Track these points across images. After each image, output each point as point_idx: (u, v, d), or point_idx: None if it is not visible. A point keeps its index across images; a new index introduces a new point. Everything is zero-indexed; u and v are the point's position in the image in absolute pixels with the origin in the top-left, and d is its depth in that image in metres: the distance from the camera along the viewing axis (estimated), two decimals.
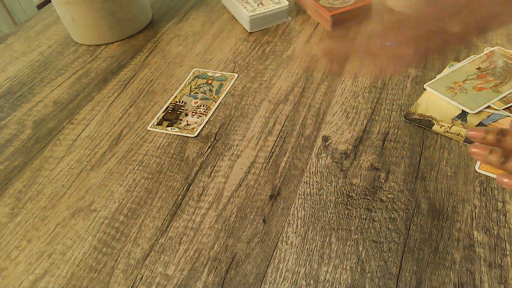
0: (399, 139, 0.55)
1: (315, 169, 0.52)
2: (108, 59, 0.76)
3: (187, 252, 0.45)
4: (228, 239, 0.46)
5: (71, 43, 0.82)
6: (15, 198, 0.53)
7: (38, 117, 0.66)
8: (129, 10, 0.79)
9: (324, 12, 0.75)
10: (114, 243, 0.47)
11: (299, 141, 0.57)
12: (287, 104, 0.62)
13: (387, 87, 0.63)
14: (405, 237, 0.44)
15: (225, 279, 0.43)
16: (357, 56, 0.46)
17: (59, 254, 0.47)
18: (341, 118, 0.59)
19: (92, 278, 0.44)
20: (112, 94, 0.68)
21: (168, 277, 0.44)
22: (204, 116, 0.62)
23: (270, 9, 0.78)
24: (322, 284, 0.41)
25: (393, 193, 0.49)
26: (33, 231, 0.50)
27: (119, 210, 0.50)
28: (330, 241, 0.45)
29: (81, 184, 0.54)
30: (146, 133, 0.60)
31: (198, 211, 0.49)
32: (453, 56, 0.67)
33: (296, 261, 0.44)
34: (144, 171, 0.55)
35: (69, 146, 0.60)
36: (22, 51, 0.81)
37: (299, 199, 0.49)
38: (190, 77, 0.69)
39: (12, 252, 0.48)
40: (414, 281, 0.41)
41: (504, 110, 0.56)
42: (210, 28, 0.81)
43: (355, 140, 0.55)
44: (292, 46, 0.74)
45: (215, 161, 0.55)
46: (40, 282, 0.44)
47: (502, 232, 0.44)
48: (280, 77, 0.67)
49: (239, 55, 0.73)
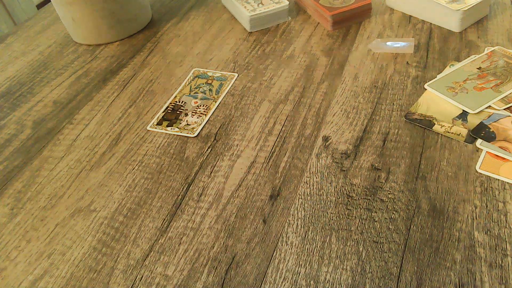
0: (400, 139, 0.55)
1: (315, 169, 0.52)
2: (108, 59, 0.76)
3: (187, 252, 0.45)
4: (228, 239, 0.46)
5: (70, 43, 0.82)
6: (15, 198, 0.53)
7: (37, 117, 0.65)
8: (129, 10, 0.79)
9: (325, 11, 0.75)
10: (114, 243, 0.47)
11: (299, 141, 0.56)
12: (287, 104, 0.62)
13: (387, 87, 0.63)
14: (405, 238, 0.44)
15: (225, 279, 0.43)
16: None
17: (59, 255, 0.47)
18: (342, 118, 0.59)
19: (92, 278, 0.44)
20: (111, 94, 0.68)
21: (167, 277, 0.43)
22: (204, 116, 0.61)
23: (270, 9, 0.78)
24: (322, 284, 0.41)
25: (394, 193, 0.49)
26: (33, 231, 0.49)
27: (118, 210, 0.50)
28: (330, 241, 0.45)
29: (81, 184, 0.54)
30: (146, 133, 0.60)
31: (198, 211, 0.49)
32: (454, 55, 0.67)
33: (296, 262, 0.43)
34: (144, 171, 0.55)
35: (68, 146, 0.60)
36: (22, 51, 0.81)
37: (299, 199, 0.49)
38: (190, 77, 0.69)
39: (11, 252, 0.48)
40: (415, 281, 0.41)
41: (505, 110, 0.56)
42: (210, 28, 0.81)
43: (356, 140, 0.55)
44: (292, 46, 0.74)
45: (215, 161, 0.55)
46: (39, 282, 0.44)
47: (503, 232, 0.44)
48: (280, 77, 0.67)
49: (239, 55, 0.73)
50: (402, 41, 0.69)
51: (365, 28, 0.76)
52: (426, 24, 0.75)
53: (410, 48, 0.68)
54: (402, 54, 0.69)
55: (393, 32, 0.74)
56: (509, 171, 0.49)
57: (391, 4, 0.80)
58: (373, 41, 0.70)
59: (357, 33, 0.75)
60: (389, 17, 0.78)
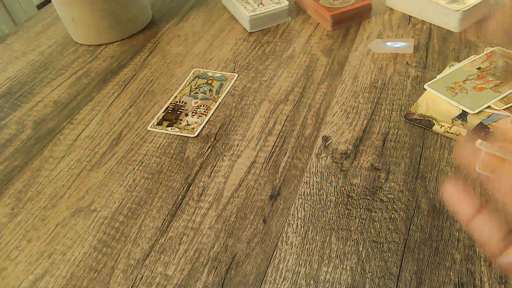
0: (399, 139, 0.55)
1: (315, 169, 0.52)
2: (108, 59, 0.76)
3: (187, 252, 0.45)
4: (228, 239, 0.46)
5: (71, 43, 0.82)
6: (15, 198, 0.53)
7: (38, 117, 0.65)
8: (129, 10, 0.79)
9: (324, 12, 0.75)
10: (114, 243, 0.47)
11: (299, 141, 0.56)
12: (287, 104, 0.62)
13: (387, 87, 0.63)
14: (405, 237, 0.44)
15: (225, 279, 0.43)
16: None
17: (59, 254, 0.47)
18: (341, 118, 0.59)
19: (92, 278, 0.44)
20: (112, 94, 0.68)
21: (168, 277, 0.43)
22: (204, 116, 0.62)
23: (270, 9, 0.78)
24: (322, 284, 0.41)
25: (393, 193, 0.49)
26: (33, 231, 0.49)
27: (119, 210, 0.50)
28: (330, 241, 0.45)
29: (81, 184, 0.54)
30: (146, 133, 0.60)
31: (198, 211, 0.49)
32: (453, 56, 0.67)
33: (296, 261, 0.44)
34: (144, 171, 0.55)
35: (69, 146, 0.60)
36: (22, 51, 0.81)
37: (299, 199, 0.49)
38: (190, 77, 0.69)
39: (12, 252, 0.48)
40: (414, 281, 0.41)
41: (504, 110, 0.56)
42: (210, 28, 0.81)
43: (355, 140, 0.55)
44: (292, 46, 0.74)
45: (215, 161, 0.55)
46: (40, 282, 0.44)
47: None
48: (280, 77, 0.67)
49: (239, 55, 0.73)
50: (401, 41, 0.69)
51: (365, 28, 0.76)
52: (426, 24, 0.75)
53: (410, 48, 0.68)
54: (401, 54, 0.69)
55: (393, 32, 0.74)
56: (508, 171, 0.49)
57: (391, 4, 0.80)
58: (373, 41, 0.71)
59: (357, 33, 0.75)
60: (389, 17, 0.78)
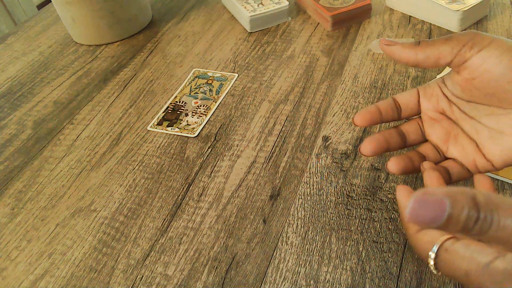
0: None
1: (315, 169, 0.52)
2: (108, 59, 0.76)
3: (187, 252, 0.45)
4: (228, 239, 0.46)
5: (71, 43, 0.82)
6: (15, 198, 0.53)
7: (38, 117, 0.66)
8: (129, 10, 0.79)
9: (324, 12, 0.75)
10: (114, 243, 0.47)
11: (299, 141, 0.56)
12: (287, 104, 0.62)
13: (387, 87, 0.63)
14: (405, 237, 0.44)
15: (225, 279, 0.43)
16: None
17: (59, 254, 0.47)
18: (341, 118, 0.59)
19: (92, 278, 0.44)
20: (112, 94, 0.68)
21: (168, 277, 0.44)
22: (204, 116, 0.62)
23: (270, 9, 0.78)
24: (322, 284, 0.41)
25: (394, 193, 0.49)
26: (33, 231, 0.49)
27: (119, 210, 0.50)
28: (330, 241, 0.45)
29: (81, 184, 0.54)
30: (146, 133, 0.60)
31: (198, 211, 0.49)
32: None
33: (296, 261, 0.44)
34: (144, 171, 0.55)
35: (69, 146, 0.60)
36: (22, 51, 0.81)
37: (299, 199, 0.49)
38: (190, 77, 0.69)
39: (12, 252, 0.48)
40: (415, 281, 0.41)
41: None
42: (210, 28, 0.81)
43: (356, 140, 0.55)
44: (292, 46, 0.74)
45: (215, 161, 0.55)
46: (40, 282, 0.44)
47: None
48: (280, 77, 0.67)
49: (239, 55, 0.73)
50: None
51: (365, 28, 0.76)
52: (426, 24, 0.75)
53: None
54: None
55: (393, 32, 0.74)
56: (508, 171, 0.49)
57: (391, 4, 0.80)
58: (373, 42, 0.71)
59: (357, 33, 0.75)
60: (389, 17, 0.78)
